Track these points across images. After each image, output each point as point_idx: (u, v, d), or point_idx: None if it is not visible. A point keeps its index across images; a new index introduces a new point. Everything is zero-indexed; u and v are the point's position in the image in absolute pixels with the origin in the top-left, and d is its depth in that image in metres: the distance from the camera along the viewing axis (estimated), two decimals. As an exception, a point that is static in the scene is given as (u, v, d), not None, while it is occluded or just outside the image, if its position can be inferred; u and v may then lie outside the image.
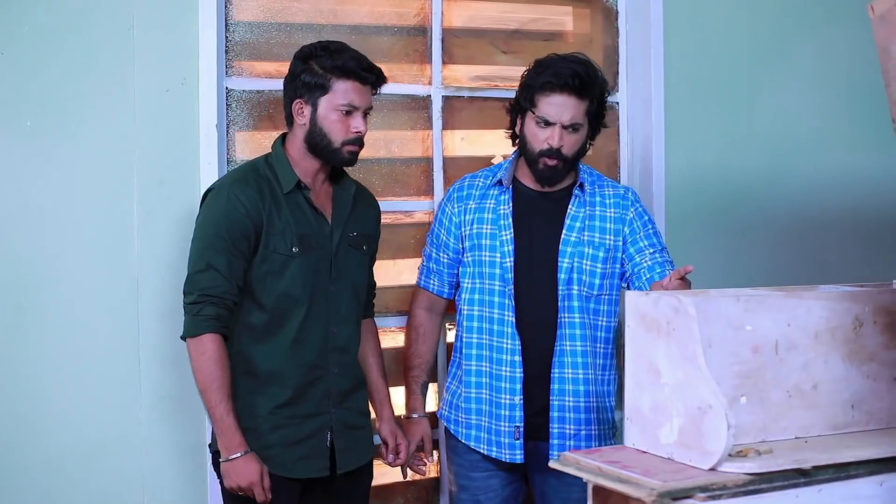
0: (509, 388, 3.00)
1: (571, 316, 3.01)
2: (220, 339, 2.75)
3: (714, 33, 3.85)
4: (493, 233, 3.05)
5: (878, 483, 2.26)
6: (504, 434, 3.01)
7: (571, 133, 2.97)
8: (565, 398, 3.00)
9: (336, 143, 2.83)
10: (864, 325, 2.45)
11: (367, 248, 3.01)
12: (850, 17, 3.83)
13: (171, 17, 3.10)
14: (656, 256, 3.03)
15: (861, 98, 3.95)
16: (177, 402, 3.09)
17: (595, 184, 3.11)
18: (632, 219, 3.07)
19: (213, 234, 2.76)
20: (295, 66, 2.86)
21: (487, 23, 3.73)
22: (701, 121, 3.81)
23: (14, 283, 2.96)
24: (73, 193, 3.00)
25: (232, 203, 2.77)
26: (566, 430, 3.00)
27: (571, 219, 3.04)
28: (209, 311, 2.74)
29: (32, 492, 2.97)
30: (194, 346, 2.75)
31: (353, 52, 2.86)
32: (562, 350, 3.00)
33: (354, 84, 2.82)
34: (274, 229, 2.80)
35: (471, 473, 3.12)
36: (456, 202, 3.14)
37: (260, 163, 2.90)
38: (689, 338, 2.21)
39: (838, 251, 4.03)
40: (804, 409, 2.37)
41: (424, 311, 3.23)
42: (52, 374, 2.99)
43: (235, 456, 2.73)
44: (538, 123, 2.99)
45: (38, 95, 2.97)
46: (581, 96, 2.95)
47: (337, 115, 2.81)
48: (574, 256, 3.01)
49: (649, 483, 2.08)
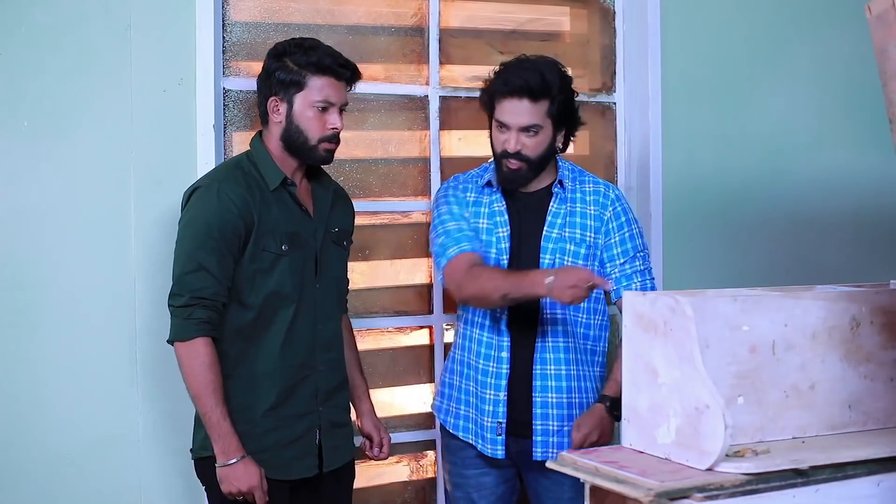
0: (494, 383, 3.00)
1: (553, 313, 3.01)
2: (211, 342, 2.71)
3: (711, 34, 3.85)
4: (490, 228, 3.05)
5: (876, 483, 2.26)
6: (487, 429, 3.01)
7: (530, 136, 2.96)
8: (548, 395, 3.00)
9: (312, 140, 2.82)
10: (862, 325, 2.46)
11: (346, 243, 3.02)
12: (847, 18, 3.84)
13: (169, 17, 3.10)
14: (625, 267, 3.04)
15: (858, 98, 3.95)
16: (173, 402, 3.08)
17: (576, 180, 3.11)
18: (608, 219, 3.07)
19: (203, 234, 2.71)
20: (269, 64, 2.84)
21: (485, 23, 3.73)
22: (698, 121, 3.81)
23: (11, 282, 2.95)
24: (70, 194, 3.00)
25: (224, 202, 2.73)
26: (549, 427, 3.00)
27: (553, 215, 3.05)
28: (200, 314, 2.70)
29: (29, 492, 2.97)
30: (185, 350, 2.70)
31: (328, 48, 2.85)
32: (543, 346, 3.01)
33: (330, 80, 2.81)
34: (264, 228, 2.78)
35: (464, 471, 3.12)
36: (459, 190, 3.13)
37: (243, 160, 2.87)
38: (687, 338, 2.21)
39: (835, 251, 4.03)
40: (801, 409, 2.38)
41: (476, 266, 2.96)
42: (49, 374, 2.99)
43: (234, 460, 2.70)
44: (497, 127, 3.00)
45: (36, 96, 2.96)
46: (534, 99, 2.94)
47: (313, 111, 2.81)
48: (556, 253, 3.01)
49: (646, 483, 2.08)
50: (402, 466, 3.56)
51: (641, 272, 3.06)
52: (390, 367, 3.50)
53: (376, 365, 3.46)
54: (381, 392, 3.44)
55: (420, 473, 3.60)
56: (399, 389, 3.40)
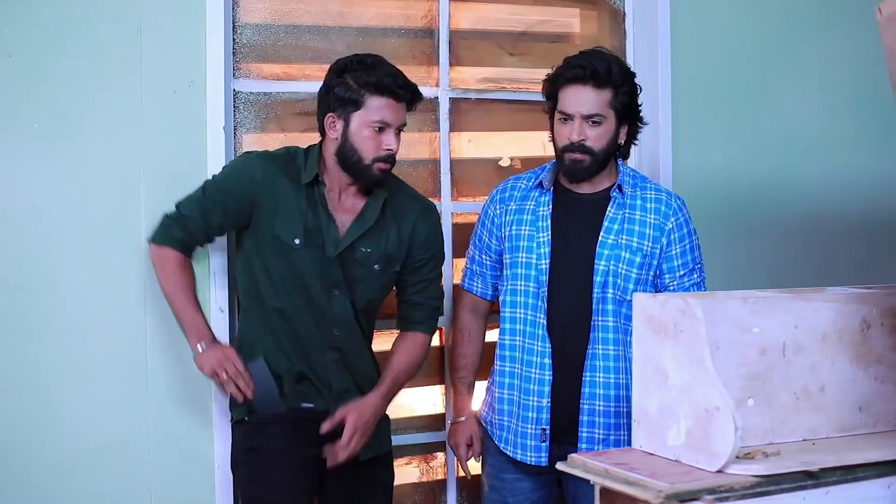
0: (537, 390, 2.98)
1: (605, 320, 2.97)
2: (181, 254, 2.92)
3: (721, 36, 3.84)
4: (531, 234, 3.02)
5: (886, 485, 2.26)
6: (530, 437, 2.99)
7: (593, 126, 2.94)
8: (596, 402, 2.96)
9: (367, 160, 2.80)
10: (872, 327, 2.45)
11: (379, 267, 2.94)
12: (856, 19, 3.84)
13: (179, 19, 3.10)
14: (683, 280, 3.02)
15: (868, 100, 3.94)
16: (184, 404, 3.09)
17: (637, 186, 3.06)
18: (670, 230, 3.01)
19: (216, 183, 2.90)
20: (329, 79, 2.83)
21: (494, 25, 3.73)
22: (708, 123, 3.81)
23: (22, 284, 2.96)
24: (80, 195, 3.01)
25: (249, 166, 2.87)
26: (595, 435, 2.97)
27: (609, 221, 3.00)
28: (177, 232, 2.89)
29: (40, 494, 2.97)
30: (157, 253, 2.92)
31: (389, 67, 2.82)
32: (594, 354, 2.97)
33: (389, 101, 2.79)
34: (281, 216, 2.82)
35: (501, 475, 3.10)
36: (498, 203, 3.11)
37: (299, 152, 2.93)
38: (697, 340, 2.21)
39: (845, 253, 4.02)
40: (811, 411, 2.37)
41: (469, 314, 3.21)
42: (60, 376, 2.99)
43: (204, 346, 2.88)
44: (560, 119, 2.98)
45: (46, 98, 2.97)
46: (598, 86, 2.93)
47: (369, 131, 2.79)
48: (611, 260, 2.97)
49: (656, 485, 2.09)
50: (412, 468, 3.56)
51: (698, 285, 3.04)
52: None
53: (386, 367, 3.46)
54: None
55: (430, 475, 3.60)
56: (409, 391, 3.40)
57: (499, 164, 3.64)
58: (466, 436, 3.18)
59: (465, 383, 3.20)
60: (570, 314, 2.98)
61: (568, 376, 2.98)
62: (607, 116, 2.96)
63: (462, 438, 3.19)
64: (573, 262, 2.99)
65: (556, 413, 2.98)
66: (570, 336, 2.99)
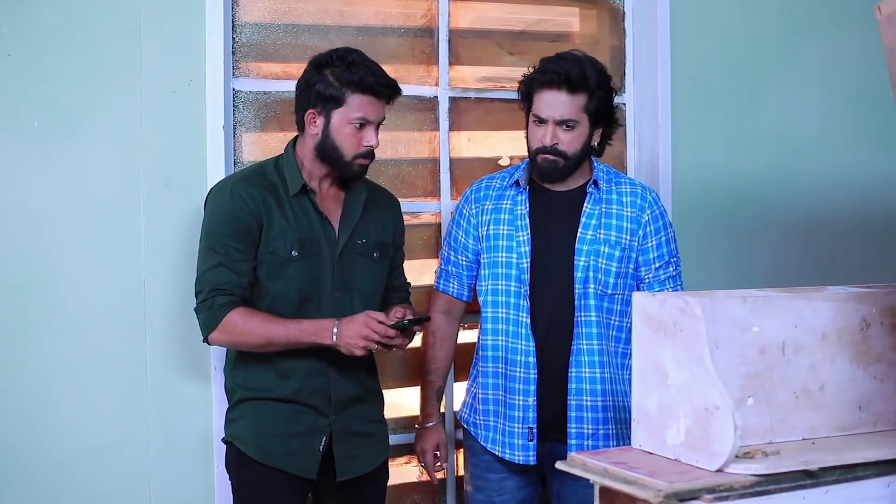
0: (523, 388, 2.99)
1: (588, 315, 2.99)
2: (238, 308, 2.72)
3: (720, 35, 3.84)
4: (510, 233, 3.03)
5: (886, 484, 2.25)
6: (517, 435, 3.00)
7: (566, 130, 2.95)
8: (583, 398, 2.98)
9: (347, 156, 2.79)
10: (872, 326, 2.45)
11: (378, 254, 2.94)
12: (856, 19, 3.84)
13: (178, 18, 3.11)
14: (659, 273, 3.04)
15: (867, 99, 3.95)
16: (183, 403, 3.09)
17: (612, 181, 3.08)
18: (646, 222, 3.04)
19: (217, 232, 2.75)
20: (309, 75, 2.79)
21: (494, 24, 3.73)
22: (707, 122, 3.81)
23: (21, 284, 2.96)
24: (79, 195, 3.01)
25: (236, 200, 2.74)
26: (584, 430, 2.98)
27: (587, 216, 3.02)
28: (223, 300, 2.72)
29: (40, 493, 2.98)
30: (224, 331, 2.72)
31: (371, 64, 2.79)
32: (578, 349, 2.98)
33: (370, 98, 2.77)
34: (275, 231, 2.77)
35: (486, 475, 3.11)
36: (473, 203, 3.12)
37: (269, 166, 2.87)
38: (696, 339, 2.20)
39: (845, 252, 4.02)
40: (811, 410, 2.37)
41: (443, 315, 3.21)
42: (59, 376, 3.00)
43: (335, 329, 2.71)
44: (534, 121, 2.99)
45: (45, 97, 2.97)
46: (572, 91, 2.93)
47: (350, 128, 2.77)
48: (591, 255, 2.98)
49: (656, 484, 2.08)
50: (411, 467, 3.56)
51: (674, 277, 3.06)
52: (400, 368, 3.50)
53: (385, 366, 3.45)
54: (391, 393, 3.43)
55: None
56: (409, 390, 3.40)
57: (498, 163, 3.64)
58: (433, 443, 3.18)
59: (434, 388, 3.20)
60: (553, 311, 3.00)
61: (553, 373, 2.99)
62: (580, 121, 2.97)
63: (429, 445, 3.18)
64: (554, 260, 3.01)
65: (543, 411, 2.99)
66: (553, 333, 3.00)
